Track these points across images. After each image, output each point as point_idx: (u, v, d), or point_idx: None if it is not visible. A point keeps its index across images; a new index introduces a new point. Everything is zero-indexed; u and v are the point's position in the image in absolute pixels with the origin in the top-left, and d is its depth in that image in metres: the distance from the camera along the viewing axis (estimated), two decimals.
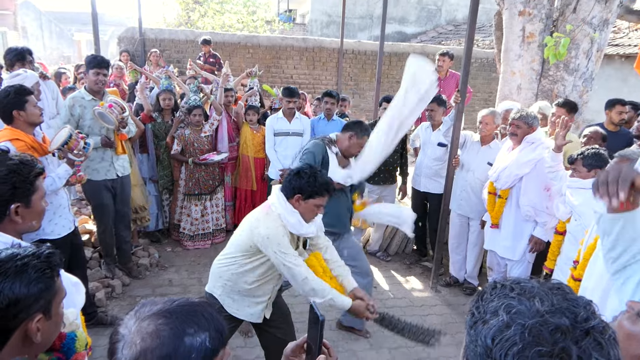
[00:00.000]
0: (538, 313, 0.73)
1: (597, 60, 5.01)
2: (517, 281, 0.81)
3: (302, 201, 2.41)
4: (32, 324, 1.12)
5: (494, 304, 0.77)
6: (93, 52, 4.79)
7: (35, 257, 1.15)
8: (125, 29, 9.39)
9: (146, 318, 0.88)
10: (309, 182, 2.38)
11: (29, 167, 1.70)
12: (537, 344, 0.69)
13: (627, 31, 9.64)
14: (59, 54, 20.76)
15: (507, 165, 3.71)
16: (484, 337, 0.74)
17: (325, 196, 2.44)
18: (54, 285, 1.17)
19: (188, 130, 5.01)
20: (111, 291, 4.13)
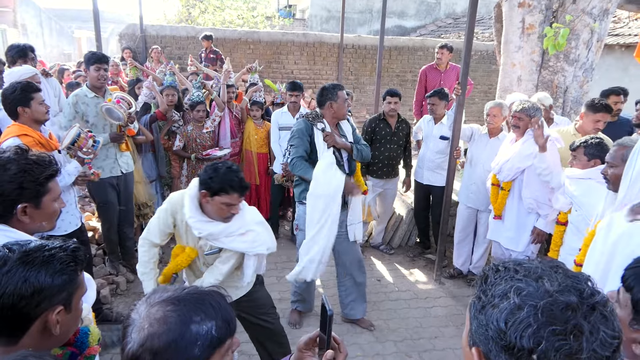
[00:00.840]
0: (547, 293, 0.74)
1: (598, 50, 5.00)
2: (518, 262, 0.83)
3: (209, 198, 2.29)
4: (52, 315, 1.13)
5: (502, 287, 0.78)
6: (94, 49, 4.80)
7: (62, 250, 1.18)
8: (126, 26, 9.39)
9: (156, 304, 0.91)
10: (212, 177, 2.26)
11: (41, 168, 1.67)
12: (551, 324, 0.71)
13: (627, 21, 9.60)
14: (59, 52, 20.76)
15: (509, 158, 3.72)
16: (496, 321, 0.76)
17: (233, 194, 2.27)
18: (76, 279, 1.20)
19: (190, 127, 5.03)
20: (116, 288, 4.16)
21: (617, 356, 0.73)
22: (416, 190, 5.12)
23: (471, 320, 0.83)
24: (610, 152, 2.29)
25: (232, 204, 2.30)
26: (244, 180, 2.32)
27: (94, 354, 1.33)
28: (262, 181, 5.56)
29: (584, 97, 5.13)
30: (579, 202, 2.93)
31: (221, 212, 2.32)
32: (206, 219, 2.36)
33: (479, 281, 0.85)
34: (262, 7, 19.35)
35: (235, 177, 2.27)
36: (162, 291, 0.95)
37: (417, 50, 10.65)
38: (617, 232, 2.10)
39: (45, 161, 1.72)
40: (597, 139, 2.98)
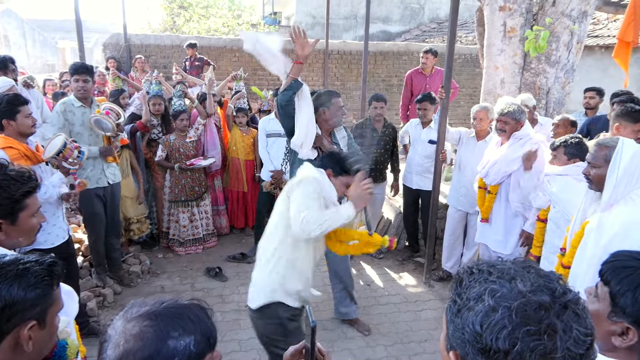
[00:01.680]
0: (521, 294, 0.75)
1: (578, 51, 5.09)
2: (491, 264, 0.83)
3: (333, 177, 2.48)
4: (24, 331, 1.10)
5: (476, 289, 0.79)
6: (77, 60, 4.77)
7: (38, 264, 1.15)
8: (110, 36, 9.33)
9: (132, 319, 0.89)
10: (340, 160, 2.50)
11: (18, 184, 1.65)
12: (525, 324, 0.72)
13: (606, 22, 9.79)
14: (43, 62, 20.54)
15: (496, 161, 3.74)
16: (471, 324, 0.76)
17: (353, 177, 2.48)
18: (51, 293, 1.17)
19: (173, 136, 4.99)
20: (103, 300, 4.10)
21: (590, 353, 0.74)
22: (405, 195, 5.14)
23: (448, 324, 0.83)
24: (592, 153, 2.31)
25: (350, 184, 2.49)
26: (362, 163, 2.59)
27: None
28: (250, 188, 5.54)
29: (565, 97, 5.22)
30: (557, 198, 2.94)
31: (341, 190, 2.51)
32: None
33: (454, 284, 0.85)
34: (248, 15, 19.39)
35: (357, 160, 2.54)
36: (140, 305, 0.92)
37: (402, 55, 10.73)
38: (609, 233, 2.12)
39: (23, 177, 1.69)
40: (576, 138, 3.01)
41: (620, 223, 2.10)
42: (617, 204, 2.17)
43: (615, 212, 2.16)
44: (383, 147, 4.91)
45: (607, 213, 2.19)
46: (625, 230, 2.08)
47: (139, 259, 4.87)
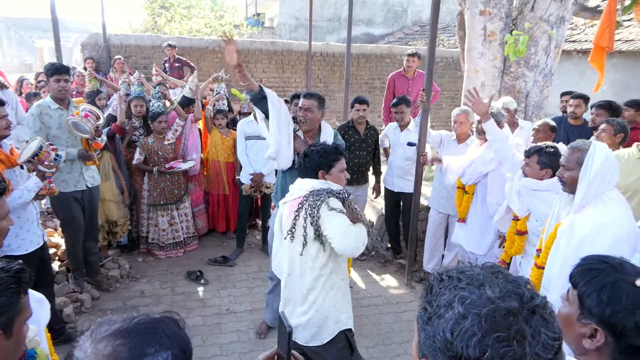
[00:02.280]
0: (489, 300, 0.75)
1: (556, 56, 5.19)
2: (460, 270, 0.83)
3: (326, 175, 2.51)
4: None
5: (446, 296, 0.78)
6: (55, 60, 4.67)
7: (4, 271, 1.12)
8: (89, 35, 9.17)
9: (103, 339, 0.82)
10: (322, 155, 2.49)
11: None
12: (495, 331, 0.72)
13: (583, 27, 10.00)
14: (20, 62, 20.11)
15: (472, 162, 3.78)
16: (442, 332, 0.75)
17: (341, 159, 2.55)
18: (18, 302, 1.13)
19: (151, 139, 4.91)
20: (80, 306, 4.01)
21: (559, 358, 0.74)
22: (386, 198, 5.16)
23: (419, 332, 0.83)
24: (565, 155, 2.35)
25: (344, 167, 2.56)
26: (338, 145, 2.62)
27: None
28: (231, 191, 5.49)
29: (544, 101, 5.30)
30: (539, 211, 2.93)
31: (341, 179, 2.56)
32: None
33: (424, 292, 0.84)
34: (230, 16, 19.27)
35: (331, 146, 2.55)
36: (108, 323, 0.86)
37: (385, 58, 10.79)
38: (580, 235, 2.16)
39: None
40: (552, 147, 2.96)
41: (592, 225, 2.14)
42: (588, 206, 2.22)
43: (587, 214, 2.19)
44: (365, 149, 4.92)
45: (578, 215, 2.23)
46: (596, 232, 2.11)
47: (118, 263, 4.78)
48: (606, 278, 1.21)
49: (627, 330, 1.14)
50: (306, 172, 2.53)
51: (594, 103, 4.38)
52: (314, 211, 2.37)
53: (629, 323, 1.14)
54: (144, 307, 4.13)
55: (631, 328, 1.14)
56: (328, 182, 2.51)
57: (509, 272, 0.83)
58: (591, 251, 1.97)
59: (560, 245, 2.26)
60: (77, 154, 3.81)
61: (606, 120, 3.72)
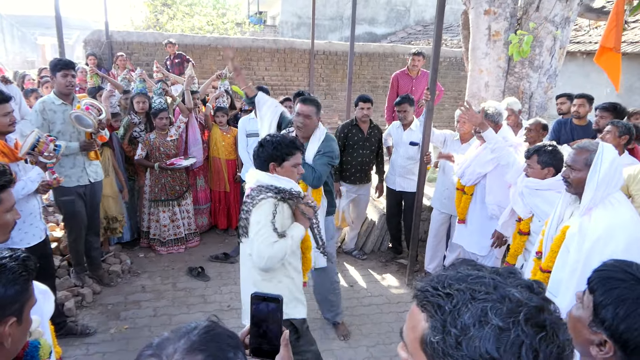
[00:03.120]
0: (520, 304, 0.72)
1: (560, 57, 5.17)
2: (458, 279, 0.77)
3: (278, 167, 2.45)
4: (5, 328, 1.08)
5: (470, 313, 0.72)
6: (58, 56, 4.66)
7: (13, 259, 1.13)
8: (91, 32, 9.17)
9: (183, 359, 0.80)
10: (276, 147, 2.42)
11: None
12: (537, 332, 0.69)
13: (587, 29, 9.97)
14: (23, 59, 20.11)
15: (470, 162, 3.77)
16: (485, 351, 0.69)
17: (297, 153, 2.48)
18: (29, 289, 1.16)
19: (153, 135, 4.90)
20: (81, 300, 4.01)
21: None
22: (388, 196, 5.15)
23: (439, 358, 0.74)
24: (572, 156, 2.31)
25: (298, 162, 2.50)
26: (295, 138, 2.54)
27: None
28: (232, 188, 5.49)
29: (548, 102, 5.29)
30: (541, 211, 2.92)
31: (293, 174, 2.49)
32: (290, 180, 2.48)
33: (432, 311, 0.76)
34: (232, 14, 19.27)
35: (289, 139, 2.48)
36: (168, 342, 0.82)
37: (388, 57, 10.78)
38: (591, 238, 2.11)
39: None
40: (550, 146, 2.96)
41: (603, 227, 2.10)
42: (595, 208, 2.18)
43: (596, 217, 2.15)
44: (368, 148, 4.91)
45: (587, 217, 2.19)
46: (608, 235, 2.08)
47: (120, 258, 4.78)
48: (627, 292, 1.15)
49: (638, 347, 1.10)
50: (258, 162, 2.48)
51: (598, 105, 4.36)
52: (247, 214, 2.36)
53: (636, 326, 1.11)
54: (145, 302, 4.13)
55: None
56: (276, 177, 2.43)
57: (486, 266, 0.80)
58: (604, 254, 1.94)
59: (570, 249, 2.21)
60: (78, 146, 3.80)
61: (611, 122, 3.70)
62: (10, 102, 3.02)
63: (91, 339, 3.55)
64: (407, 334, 0.83)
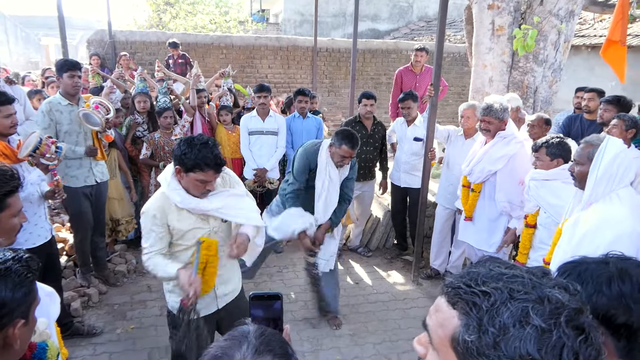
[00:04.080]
0: (561, 305, 0.71)
1: (565, 51, 5.13)
2: (493, 277, 0.77)
3: (183, 174, 2.21)
4: (14, 330, 1.10)
5: (509, 312, 0.71)
6: (61, 57, 4.67)
7: (16, 261, 1.14)
8: (95, 32, 9.19)
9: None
10: (186, 153, 2.16)
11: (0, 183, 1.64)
12: (578, 334, 0.69)
13: (592, 22, 9.90)
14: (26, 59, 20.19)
15: (480, 160, 3.75)
16: (525, 352, 0.68)
17: (208, 171, 2.17)
18: (34, 290, 1.17)
19: (158, 134, 4.91)
20: (87, 300, 4.03)
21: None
22: (393, 193, 5.14)
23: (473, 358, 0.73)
24: (578, 150, 2.31)
25: (207, 180, 2.21)
26: (219, 156, 2.20)
27: None
28: None
29: (553, 97, 5.25)
30: (547, 203, 2.92)
31: (197, 189, 2.23)
32: (201, 199, 2.28)
33: (465, 309, 0.74)
34: (235, 12, 19.26)
35: (210, 153, 2.16)
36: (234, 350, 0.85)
37: (391, 53, 10.74)
38: (581, 231, 2.11)
39: (5, 176, 1.67)
40: (557, 137, 2.98)
41: (593, 221, 2.08)
42: (596, 203, 2.16)
43: (592, 211, 2.14)
44: (372, 145, 4.90)
45: (585, 211, 2.18)
46: (597, 229, 2.05)
47: (125, 258, 4.80)
48: (587, 273, 1.16)
49: (605, 311, 1.10)
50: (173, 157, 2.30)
51: (602, 98, 4.32)
52: None
53: (602, 301, 1.10)
54: (151, 301, 4.14)
55: (606, 305, 1.10)
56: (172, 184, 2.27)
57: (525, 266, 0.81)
58: (590, 247, 1.94)
59: (563, 241, 2.23)
60: (84, 152, 3.82)
61: (617, 115, 3.66)
62: (13, 104, 3.02)
63: (98, 339, 3.56)
64: (434, 329, 0.81)
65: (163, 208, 2.30)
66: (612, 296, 1.10)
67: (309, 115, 5.14)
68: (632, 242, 2.00)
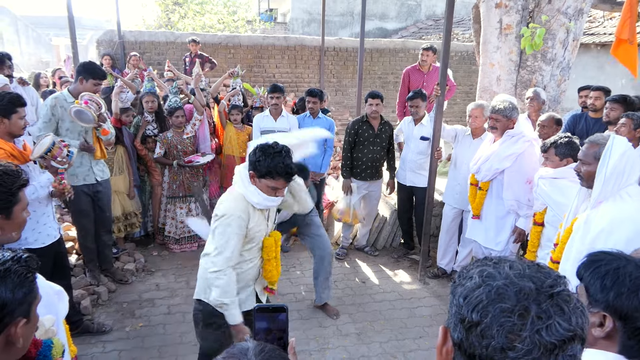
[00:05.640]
0: (507, 277, 0.79)
1: (574, 49, 5.09)
2: (498, 257, 0.88)
3: (257, 179, 2.32)
4: (16, 329, 1.12)
5: (472, 271, 0.84)
6: (71, 56, 4.72)
7: (16, 261, 1.16)
8: (104, 32, 9.27)
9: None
10: (259, 160, 2.26)
11: (12, 178, 1.69)
12: (500, 301, 0.76)
13: (602, 20, 9.80)
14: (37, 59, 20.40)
15: (487, 158, 3.74)
16: (458, 297, 0.83)
17: (279, 180, 2.28)
18: (34, 289, 1.18)
19: (170, 133, 4.97)
20: (97, 298, 4.08)
21: (567, 347, 0.75)
22: (399, 192, 5.14)
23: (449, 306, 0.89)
24: (583, 150, 2.32)
25: (277, 187, 2.33)
26: (290, 165, 2.30)
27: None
28: None
29: (561, 95, 5.21)
30: (553, 201, 2.93)
31: (269, 193, 2.35)
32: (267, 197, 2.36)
33: (459, 270, 0.90)
34: (243, 11, 19.30)
35: (282, 162, 2.26)
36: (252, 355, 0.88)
37: (399, 52, 10.72)
38: (595, 230, 2.13)
39: (14, 171, 1.73)
40: (566, 137, 2.99)
41: (608, 220, 2.10)
42: (605, 202, 2.18)
43: (603, 209, 2.16)
44: (379, 144, 4.90)
45: (595, 210, 2.20)
46: (611, 227, 2.08)
47: (134, 256, 4.85)
48: (608, 265, 1.24)
49: (632, 311, 1.17)
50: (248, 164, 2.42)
51: (608, 97, 4.29)
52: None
53: (632, 303, 1.17)
54: (159, 300, 4.18)
55: (635, 308, 1.17)
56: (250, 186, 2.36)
57: (550, 269, 0.85)
58: (606, 246, 1.94)
59: (575, 240, 2.24)
60: (78, 145, 3.83)
61: (626, 114, 3.64)
62: (25, 107, 3.07)
63: (107, 337, 3.61)
64: None
65: (247, 209, 2.38)
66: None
67: (320, 116, 5.16)
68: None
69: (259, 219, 2.45)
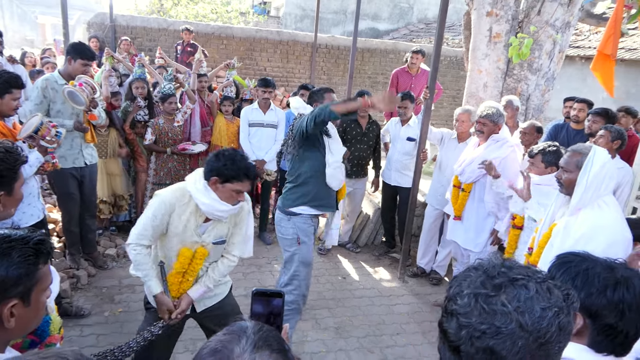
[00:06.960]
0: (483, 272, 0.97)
1: (559, 60, 5.23)
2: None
3: (220, 185, 2.29)
4: (5, 308, 1.10)
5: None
6: (60, 37, 4.67)
7: (24, 242, 1.14)
8: (95, 14, 9.14)
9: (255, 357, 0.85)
10: (226, 165, 2.26)
11: (14, 156, 1.73)
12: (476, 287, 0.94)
13: (587, 34, 10.04)
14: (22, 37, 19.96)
15: (472, 160, 3.84)
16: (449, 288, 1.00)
17: (246, 182, 2.31)
18: (36, 272, 1.15)
19: (162, 120, 4.95)
20: (76, 282, 4.06)
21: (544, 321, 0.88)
22: (383, 191, 5.22)
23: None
24: (565, 158, 2.41)
25: (242, 190, 2.34)
26: (254, 168, 2.35)
27: (55, 343, 1.31)
28: None
29: (545, 105, 5.35)
30: (537, 207, 3.04)
31: (230, 199, 2.34)
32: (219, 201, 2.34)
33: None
34: (237, 3, 19.20)
35: (249, 165, 2.31)
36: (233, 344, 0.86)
37: (389, 53, 10.81)
38: (575, 235, 2.21)
39: (13, 149, 1.76)
40: (554, 146, 3.10)
41: (587, 227, 2.20)
42: (584, 209, 2.27)
43: (583, 216, 2.25)
44: (366, 143, 4.97)
45: (574, 217, 2.29)
46: (591, 234, 2.17)
47: (115, 242, 4.83)
48: (578, 267, 1.32)
49: (601, 309, 1.25)
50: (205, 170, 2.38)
51: (591, 110, 4.43)
52: None
53: (601, 302, 1.25)
54: (139, 286, 4.17)
55: (604, 307, 1.25)
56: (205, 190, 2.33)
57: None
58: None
59: (554, 245, 2.32)
60: (72, 125, 3.81)
61: (604, 126, 3.77)
62: (21, 90, 3.07)
63: (85, 321, 3.60)
64: None
65: (180, 203, 2.37)
66: (613, 300, 1.25)
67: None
68: (623, 248, 2.15)
69: (187, 223, 2.38)
